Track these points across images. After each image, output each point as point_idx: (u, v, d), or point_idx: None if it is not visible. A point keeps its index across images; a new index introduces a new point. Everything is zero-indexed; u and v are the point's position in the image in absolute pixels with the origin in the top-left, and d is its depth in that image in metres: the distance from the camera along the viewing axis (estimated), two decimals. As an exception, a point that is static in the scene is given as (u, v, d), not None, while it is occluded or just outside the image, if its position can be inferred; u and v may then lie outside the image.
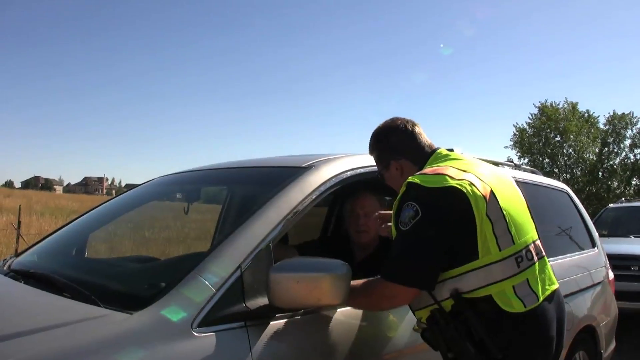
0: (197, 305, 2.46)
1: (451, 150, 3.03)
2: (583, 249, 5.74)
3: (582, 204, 6.29)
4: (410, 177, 2.73)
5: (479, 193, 2.63)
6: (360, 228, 3.95)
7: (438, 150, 3.02)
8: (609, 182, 43.08)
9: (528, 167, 5.93)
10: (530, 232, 2.87)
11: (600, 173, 43.31)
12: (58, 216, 27.81)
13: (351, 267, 2.65)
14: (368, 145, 3.16)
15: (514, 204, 2.85)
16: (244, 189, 4.17)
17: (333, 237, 5.04)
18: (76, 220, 4.27)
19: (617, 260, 8.99)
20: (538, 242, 2.91)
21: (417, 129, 3.08)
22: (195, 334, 2.39)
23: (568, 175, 43.25)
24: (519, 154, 44.39)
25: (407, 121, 3.10)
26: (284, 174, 3.24)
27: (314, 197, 3.09)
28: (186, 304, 2.46)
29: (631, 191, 41.98)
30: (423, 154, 3.03)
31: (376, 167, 3.19)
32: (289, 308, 2.62)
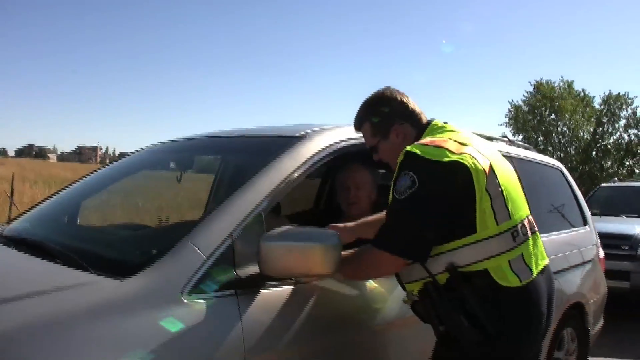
0: (188, 273, 2.47)
1: (446, 123, 3.00)
2: (575, 227, 5.79)
3: (575, 182, 6.30)
4: (408, 147, 2.69)
5: (480, 167, 2.62)
6: (351, 200, 3.96)
7: (434, 122, 2.99)
8: (603, 162, 43.14)
9: (522, 143, 5.92)
10: (524, 208, 2.87)
11: (594, 152, 43.39)
12: (51, 185, 27.69)
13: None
14: (358, 117, 3.08)
15: (510, 179, 2.84)
16: (237, 158, 4.16)
17: (325, 209, 5.04)
18: (68, 188, 4.26)
19: (608, 239, 9.04)
20: (531, 217, 2.92)
21: (410, 98, 3.05)
22: (185, 301, 2.40)
23: (562, 154, 43.22)
24: (513, 130, 44.42)
25: (398, 90, 3.06)
26: (277, 144, 3.23)
27: (307, 167, 3.08)
28: (177, 271, 2.47)
29: (624, 171, 42.04)
30: (421, 121, 3.01)
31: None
32: (280, 277, 2.63)
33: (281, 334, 2.67)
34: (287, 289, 2.78)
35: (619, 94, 42.91)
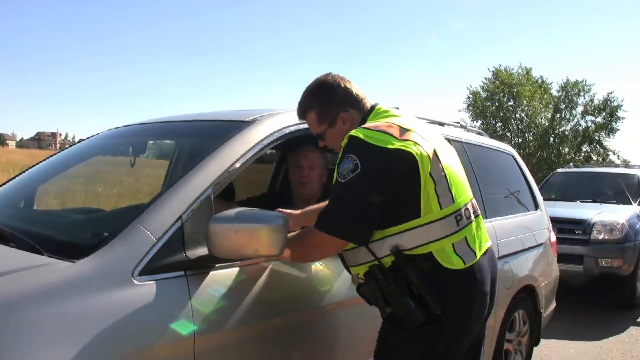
0: (138, 254, 2.50)
1: (397, 108, 3.02)
2: (527, 211, 5.89)
3: (533, 168, 6.41)
4: (352, 131, 2.72)
5: (424, 153, 2.65)
6: (304, 180, 3.97)
7: (377, 106, 3.01)
8: (560, 148, 43.63)
9: (474, 129, 5.95)
10: (467, 191, 2.93)
11: (551, 138, 43.84)
12: (10, 171, 27.35)
13: None
14: (301, 105, 3.07)
15: (453, 164, 2.90)
16: (189, 142, 4.18)
17: (278, 193, 5.08)
18: (24, 174, 4.25)
19: (562, 224, 9.24)
20: (474, 200, 2.97)
21: (353, 83, 3.05)
22: (135, 282, 2.43)
23: (520, 140, 43.70)
24: (472, 117, 44.72)
25: (341, 76, 3.05)
26: (228, 128, 3.25)
27: (256, 150, 3.11)
28: (127, 253, 2.50)
29: (581, 157, 42.58)
30: (365, 106, 3.02)
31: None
32: (228, 258, 2.65)
33: (230, 314, 2.72)
34: (236, 270, 2.84)
35: (576, 81, 43.54)
